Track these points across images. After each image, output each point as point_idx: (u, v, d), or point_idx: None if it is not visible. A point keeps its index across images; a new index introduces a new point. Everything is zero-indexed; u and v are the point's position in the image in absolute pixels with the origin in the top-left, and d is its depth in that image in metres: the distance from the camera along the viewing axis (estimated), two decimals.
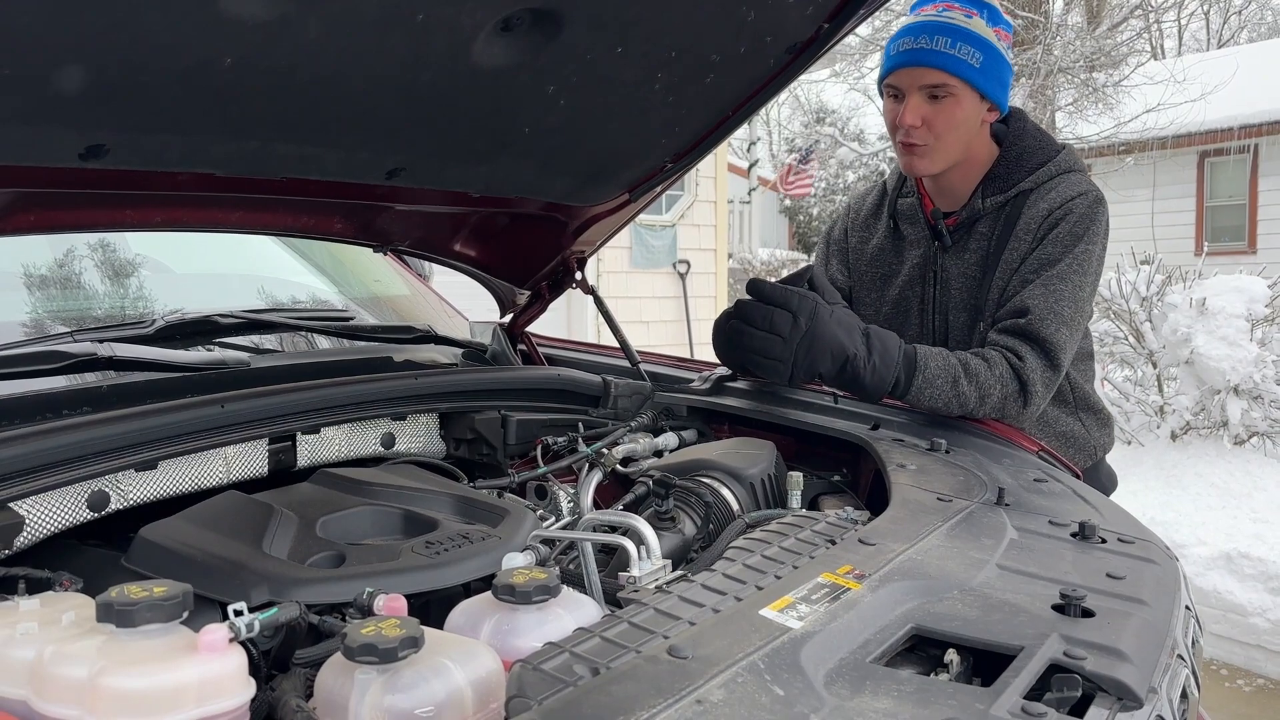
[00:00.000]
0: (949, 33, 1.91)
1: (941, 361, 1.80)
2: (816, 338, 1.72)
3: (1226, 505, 5.07)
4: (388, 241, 2.01)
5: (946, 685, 0.90)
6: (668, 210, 8.76)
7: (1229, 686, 4.17)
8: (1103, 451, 2.20)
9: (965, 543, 1.24)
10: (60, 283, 1.96)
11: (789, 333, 1.72)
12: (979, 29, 1.93)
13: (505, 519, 1.33)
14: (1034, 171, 2.00)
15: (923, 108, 1.94)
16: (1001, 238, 2.00)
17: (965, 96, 1.94)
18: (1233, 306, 5.68)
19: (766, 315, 1.74)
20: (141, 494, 1.33)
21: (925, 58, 1.92)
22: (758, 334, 1.75)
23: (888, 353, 1.77)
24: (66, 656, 0.82)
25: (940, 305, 2.10)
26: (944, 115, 1.94)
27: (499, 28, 1.30)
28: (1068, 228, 1.93)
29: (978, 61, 1.91)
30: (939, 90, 1.93)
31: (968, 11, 1.94)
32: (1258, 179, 14.06)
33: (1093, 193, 1.98)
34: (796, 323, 1.72)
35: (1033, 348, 1.87)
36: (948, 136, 1.96)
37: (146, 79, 1.15)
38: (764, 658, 0.88)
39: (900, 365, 1.77)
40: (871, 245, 2.24)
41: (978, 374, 1.82)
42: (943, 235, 2.08)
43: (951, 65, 1.91)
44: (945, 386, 1.79)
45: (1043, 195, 1.98)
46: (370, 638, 0.83)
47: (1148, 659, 0.98)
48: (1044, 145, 2.05)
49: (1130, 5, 12.27)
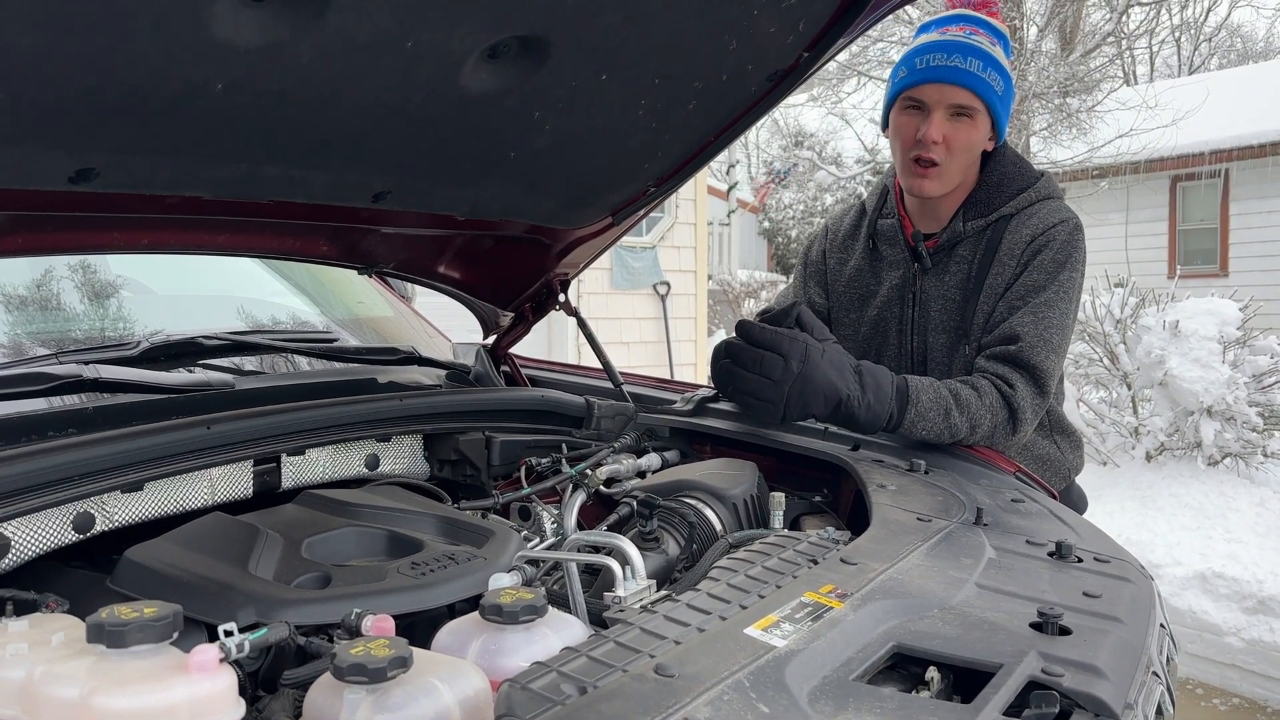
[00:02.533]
0: (980, 56, 1.93)
1: (933, 394, 1.81)
2: (809, 380, 1.71)
3: (1201, 525, 5.13)
4: (373, 263, 2.02)
5: (928, 702, 0.92)
6: (648, 232, 8.80)
7: (1204, 705, 4.20)
8: (1074, 474, 2.23)
9: (945, 562, 1.26)
10: (44, 304, 1.95)
11: (779, 375, 1.71)
12: (1000, 59, 1.96)
13: (490, 540, 1.34)
14: (1014, 197, 2.03)
15: (945, 125, 1.95)
16: (983, 262, 2.02)
17: (982, 121, 1.97)
18: (1205, 329, 5.76)
19: (757, 359, 1.73)
20: (127, 515, 1.33)
21: (959, 77, 1.93)
22: (749, 376, 1.74)
23: (881, 389, 1.77)
24: (57, 677, 0.82)
25: (919, 327, 2.12)
26: (962, 136, 1.96)
27: (487, 54, 1.32)
28: (1051, 254, 1.96)
29: (1000, 89, 1.95)
30: (965, 110, 1.95)
31: (991, 40, 1.97)
32: (1229, 203, 14.28)
33: (1073, 220, 2.01)
34: (788, 366, 1.71)
35: (1022, 375, 1.89)
36: (960, 158, 1.98)
37: (137, 102, 1.16)
38: (749, 676, 0.89)
39: (893, 400, 1.78)
40: (850, 266, 2.25)
41: (969, 404, 1.84)
42: (922, 257, 2.10)
43: (982, 89, 1.93)
44: (938, 419, 1.81)
45: (1024, 221, 2.00)
46: (359, 657, 0.84)
47: (1124, 676, 1.00)
48: (1023, 171, 2.08)
49: (1103, 32, 12.47)
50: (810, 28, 1.63)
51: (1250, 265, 13.80)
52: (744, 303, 15.30)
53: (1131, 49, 14.79)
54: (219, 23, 1.07)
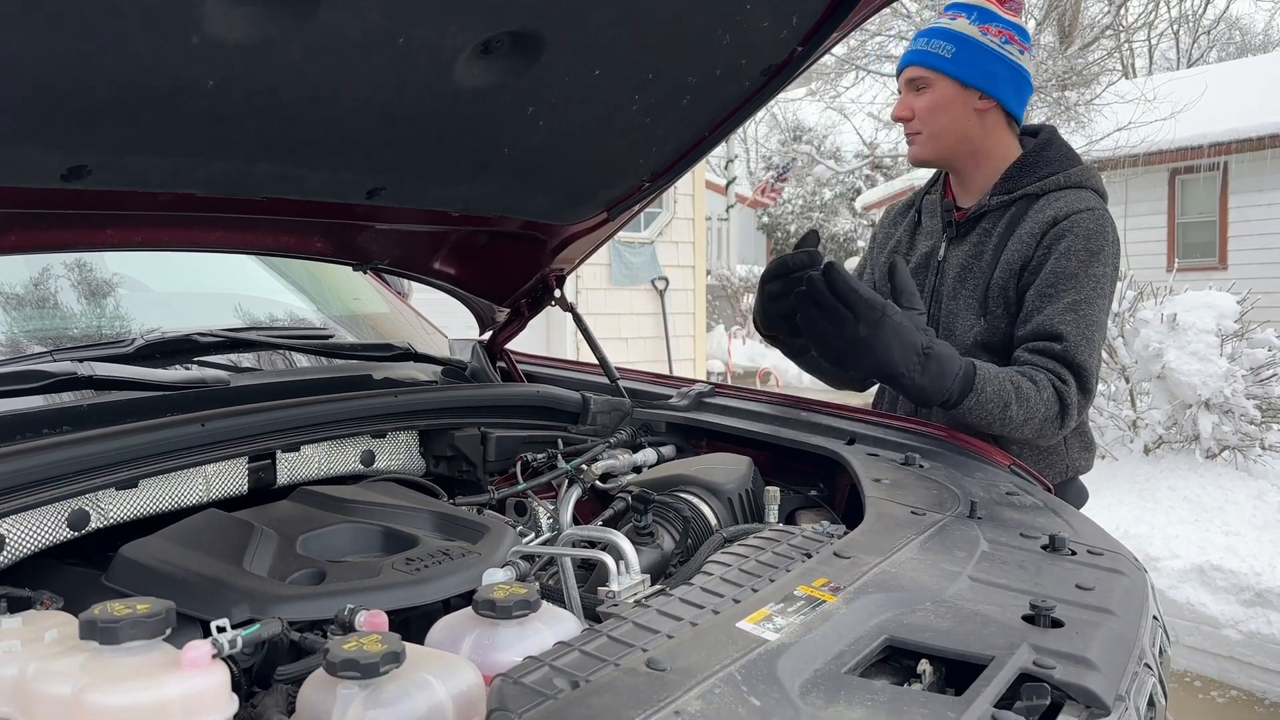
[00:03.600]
0: (928, 34, 2.16)
1: (997, 386, 1.85)
2: (870, 349, 1.74)
3: (1199, 518, 5.13)
4: (368, 260, 2.02)
5: (919, 694, 0.92)
6: (646, 227, 8.80)
7: (1202, 698, 4.21)
8: (1076, 472, 2.22)
9: (938, 555, 1.26)
10: (38, 302, 1.96)
11: (846, 332, 1.75)
12: (960, 28, 2.12)
13: (485, 535, 1.34)
14: (1043, 179, 2.10)
15: (909, 99, 2.17)
16: (1003, 236, 2.08)
17: (940, 85, 2.12)
18: (1203, 322, 5.77)
19: (832, 309, 1.75)
20: (122, 513, 1.33)
21: (906, 58, 2.19)
22: (819, 320, 1.78)
23: (941, 378, 1.80)
24: (50, 674, 0.82)
25: (938, 294, 2.20)
26: (922, 102, 2.15)
27: (479, 50, 1.32)
28: (1081, 243, 1.99)
29: (949, 53, 2.10)
30: (918, 82, 2.15)
31: (953, 15, 2.15)
32: (1228, 196, 14.26)
33: (1099, 209, 2.04)
34: (855, 327, 1.74)
35: (1074, 374, 1.94)
36: (932, 122, 2.14)
37: (129, 100, 1.16)
38: (741, 669, 0.90)
39: (954, 387, 1.82)
40: (894, 238, 2.37)
41: (1028, 398, 1.88)
42: (950, 226, 2.21)
43: (922, 59, 2.14)
44: (995, 410, 1.85)
45: (1050, 202, 2.05)
46: (352, 653, 0.84)
47: (1115, 668, 1.00)
48: (1062, 157, 2.14)
49: (1101, 25, 12.45)
50: (803, 22, 1.63)
51: (1249, 258, 13.79)
52: (743, 297, 15.30)
53: (1130, 42, 14.76)
54: (210, 20, 1.07)
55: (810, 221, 22.91)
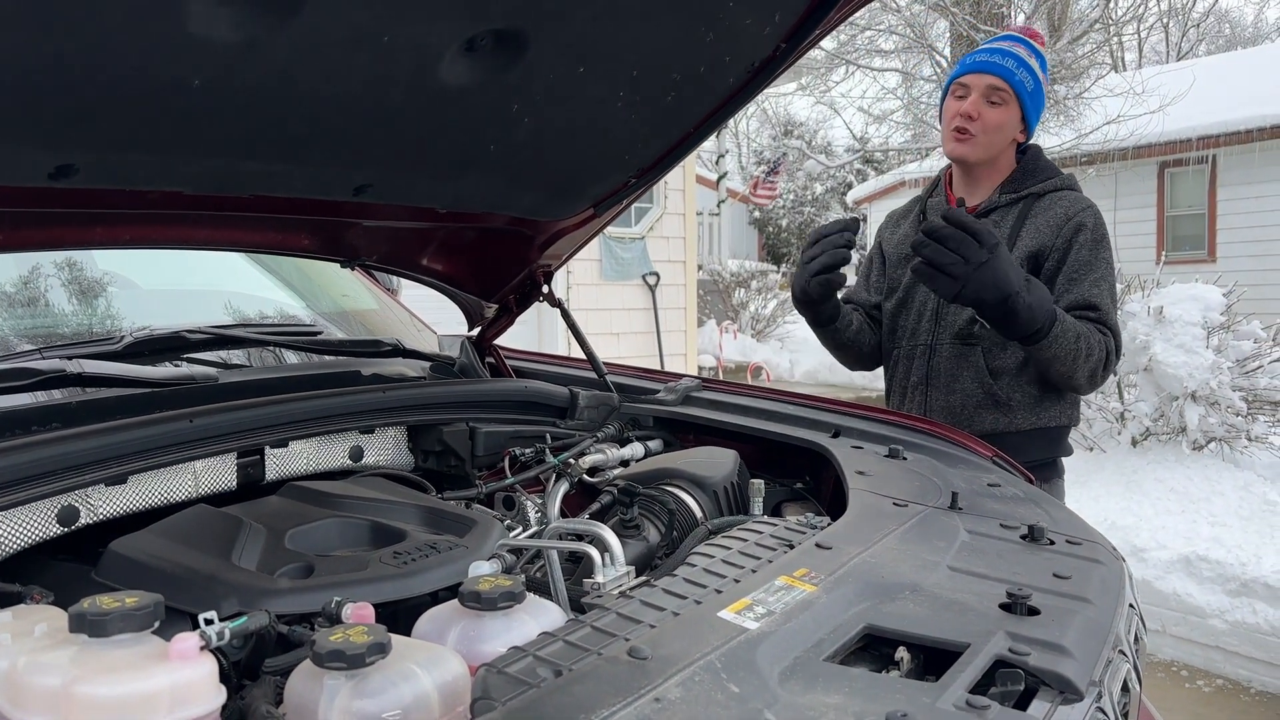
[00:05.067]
0: (1014, 59, 2.36)
1: (1072, 322, 2.11)
2: (993, 269, 1.94)
3: (1185, 509, 5.17)
4: (355, 256, 2.03)
5: (895, 681, 0.94)
6: (637, 223, 8.81)
7: (1189, 687, 4.24)
8: (1073, 423, 2.40)
9: (919, 545, 1.28)
10: (27, 300, 1.96)
11: (973, 257, 1.94)
12: (1034, 68, 2.38)
13: (472, 529, 1.36)
14: (1044, 181, 2.38)
15: (980, 104, 2.34)
16: (1015, 227, 2.33)
17: (1012, 108, 2.35)
18: (1189, 315, 5.80)
19: (959, 239, 1.94)
20: (111, 509, 1.34)
21: (995, 68, 2.35)
22: (946, 252, 1.95)
23: (1043, 300, 2.04)
24: (40, 666, 0.83)
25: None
26: (993, 115, 2.34)
27: (464, 48, 1.34)
28: (1090, 237, 2.27)
29: (1030, 86, 2.35)
30: (996, 96, 2.33)
31: (1028, 55, 2.38)
32: (1216, 189, 14.31)
33: (1095, 208, 2.35)
34: (981, 251, 1.94)
35: (1111, 334, 2.21)
36: (990, 134, 2.34)
37: (116, 99, 1.17)
38: (721, 657, 0.91)
39: (1049, 311, 2.04)
40: (899, 236, 2.56)
41: (1091, 337, 2.14)
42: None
43: (1013, 80, 2.33)
44: (1072, 339, 2.08)
45: (1055, 200, 2.34)
46: (338, 644, 0.85)
47: (1090, 654, 1.02)
48: (1050, 166, 2.45)
49: (1090, 19, 12.48)
50: (787, 18, 1.64)
51: (1237, 251, 13.84)
52: (734, 292, 15.30)
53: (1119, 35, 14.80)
54: (195, 19, 1.08)
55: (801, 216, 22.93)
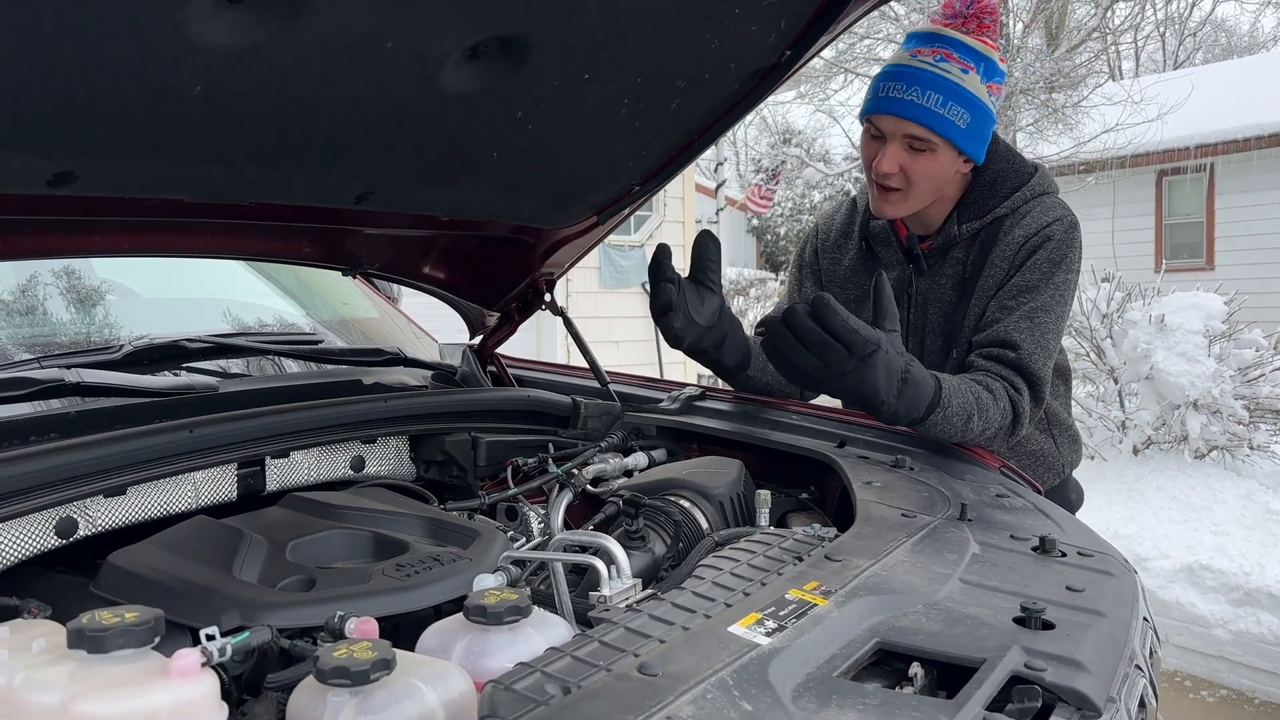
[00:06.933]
0: (941, 90, 1.89)
1: (961, 400, 1.77)
2: (859, 379, 1.63)
3: (1188, 518, 5.16)
4: (356, 264, 2.02)
5: (911, 698, 0.92)
6: (636, 230, 8.81)
7: (1193, 698, 4.22)
8: (1070, 469, 2.23)
9: (929, 558, 1.26)
10: (26, 309, 1.94)
11: (838, 365, 1.62)
12: (972, 86, 1.91)
13: (476, 540, 1.34)
14: (1009, 196, 2.00)
15: (901, 156, 1.93)
16: (977, 263, 2.00)
17: (944, 152, 1.93)
18: (1191, 323, 5.80)
19: (823, 345, 1.61)
20: (110, 520, 1.32)
21: (912, 112, 1.90)
22: (804, 353, 1.63)
23: (916, 403, 1.70)
24: (37, 683, 0.81)
25: (915, 329, 2.10)
26: (920, 166, 1.93)
27: (467, 55, 1.32)
28: (1046, 255, 1.93)
29: (964, 123, 1.90)
30: (920, 144, 1.92)
31: (965, 65, 1.91)
32: (1214, 197, 14.34)
33: (1068, 218, 1.98)
34: (847, 362, 1.61)
35: (1027, 383, 1.88)
36: (921, 186, 1.96)
37: (115, 106, 1.15)
38: (732, 674, 0.89)
39: (923, 409, 1.72)
40: (844, 266, 2.22)
41: (987, 409, 1.81)
42: (918, 260, 2.08)
43: (937, 124, 1.89)
44: (959, 423, 1.77)
45: (1018, 220, 1.98)
46: (342, 660, 0.84)
47: (1106, 669, 1.01)
48: (1017, 168, 2.04)
49: (1088, 28, 12.52)
50: (792, 25, 1.63)
51: (1236, 259, 13.87)
52: (733, 300, 15.31)
53: (1117, 44, 14.84)
54: (195, 25, 1.06)
55: (800, 224, 22.97)
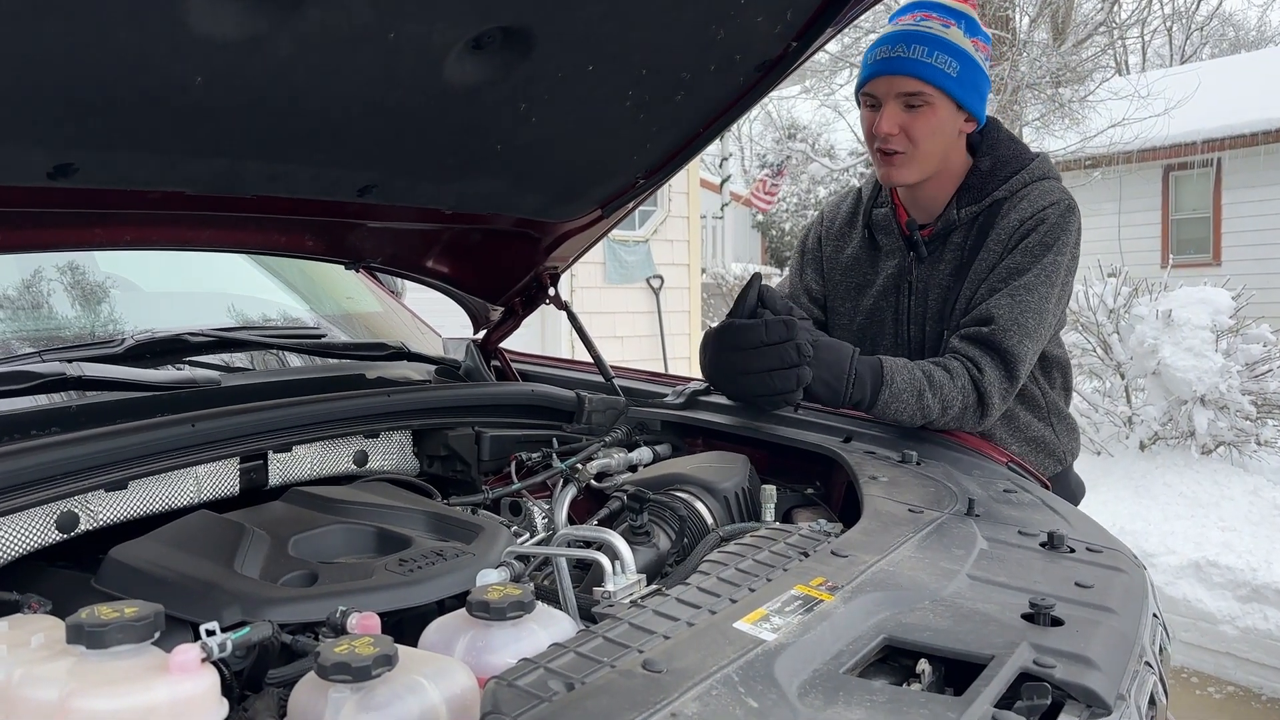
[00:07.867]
0: (926, 41, 1.92)
1: (907, 375, 1.81)
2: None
3: (1195, 514, 5.14)
4: (360, 258, 2.00)
5: (918, 695, 0.91)
6: (641, 226, 8.79)
7: (1200, 694, 4.21)
8: (1071, 458, 2.22)
9: (936, 553, 1.25)
10: (28, 303, 1.94)
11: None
12: (956, 39, 1.93)
13: (479, 536, 1.33)
14: (1008, 180, 2.00)
15: (899, 115, 1.94)
16: (974, 247, 2.01)
17: (941, 105, 1.94)
18: (1198, 318, 5.77)
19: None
20: (111, 514, 1.31)
21: (902, 66, 1.92)
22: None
23: (836, 366, 1.79)
24: (36, 679, 0.80)
25: (916, 316, 2.10)
26: (920, 123, 1.94)
27: (470, 46, 1.31)
28: (1038, 238, 1.93)
29: (954, 71, 1.91)
30: (915, 99, 1.93)
31: (945, 21, 1.94)
32: (1221, 192, 14.29)
33: (1065, 201, 1.98)
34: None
35: (993, 359, 1.88)
36: (925, 144, 1.95)
37: (116, 98, 1.15)
38: (738, 670, 0.88)
39: (853, 382, 1.79)
40: (846, 254, 2.23)
41: (941, 386, 1.83)
42: (918, 246, 2.08)
43: (928, 74, 1.91)
44: (910, 400, 1.81)
45: (1015, 204, 1.98)
46: (344, 656, 0.83)
47: (1116, 666, 0.99)
48: (1018, 154, 2.05)
49: (1095, 22, 12.47)
50: (798, 17, 1.62)
51: (1242, 254, 13.82)
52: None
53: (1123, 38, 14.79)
54: (196, 16, 1.05)
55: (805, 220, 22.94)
